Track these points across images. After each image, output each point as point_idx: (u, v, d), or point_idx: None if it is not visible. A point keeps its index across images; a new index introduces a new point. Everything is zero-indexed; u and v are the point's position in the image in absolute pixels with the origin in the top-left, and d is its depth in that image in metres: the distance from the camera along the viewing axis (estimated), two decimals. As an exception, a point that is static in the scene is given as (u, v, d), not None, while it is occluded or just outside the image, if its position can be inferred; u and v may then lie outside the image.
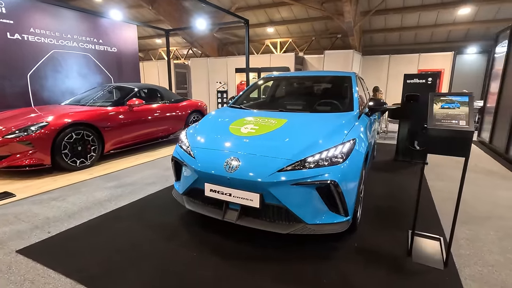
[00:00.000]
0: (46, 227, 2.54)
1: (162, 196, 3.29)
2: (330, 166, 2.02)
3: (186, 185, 2.45)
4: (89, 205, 3.02)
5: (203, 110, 6.88)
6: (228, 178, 2.12)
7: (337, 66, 10.30)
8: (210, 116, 3.08)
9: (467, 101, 1.90)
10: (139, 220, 2.68)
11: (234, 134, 2.46)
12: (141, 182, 3.77)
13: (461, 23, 9.87)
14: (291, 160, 2.05)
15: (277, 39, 12.95)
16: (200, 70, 13.03)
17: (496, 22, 9.24)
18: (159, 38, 15.05)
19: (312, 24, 11.44)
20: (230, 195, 2.15)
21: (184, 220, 2.69)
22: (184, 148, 2.55)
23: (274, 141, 2.28)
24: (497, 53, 6.29)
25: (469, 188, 3.61)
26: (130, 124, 4.98)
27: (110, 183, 3.71)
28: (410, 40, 11.72)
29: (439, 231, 2.54)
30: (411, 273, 1.95)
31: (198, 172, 2.27)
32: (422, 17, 9.88)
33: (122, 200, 3.16)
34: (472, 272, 1.98)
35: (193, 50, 15.82)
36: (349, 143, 2.18)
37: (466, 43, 11.08)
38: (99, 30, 7.05)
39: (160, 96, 6.02)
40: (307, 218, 2.03)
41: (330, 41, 12.47)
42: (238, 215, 2.17)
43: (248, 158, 2.15)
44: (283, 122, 2.55)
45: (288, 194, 2.01)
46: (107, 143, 4.59)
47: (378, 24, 10.86)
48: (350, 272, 1.96)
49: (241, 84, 11.63)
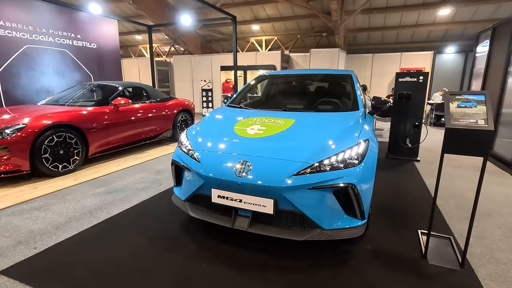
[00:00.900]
0: (32, 242, 2.27)
1: (158, 202, 3.08)
2: (346, 168, 1.94)
3: (190, 191, 2.28)
4: (77, 214, 2.76)
5: (191, 110, 6.64)
6: (239, 183, 1.98)
7: (323, 65, 10.35)
8: (210, 116, 2.91)
9: (484, 99, 1.88)
10: (137, 230, 2.48)
11: (240, 136, 2.32)
12: (132, 187, 3.53)
13: (440, 23, 10.23)
14: (307, 163, 1.94)
15: (262, 37, 12.84)
16: (183, 68, 12.66)
17: (473, 23, 9.66)
18: (139, 35, 14.46)
19: (298, 22, 11.42)
20: (240, 201, 2.01)
21: (186, 228, 2.51)
22: (186, 151, 2.38)
23: (285, 143, 2.16)
24: (478, 53, 6.53)
25: (465, 185, 3.69)
26: (116, 125, 4.68)
27: (98, 189, 3.44)
28: (392, 39, 12.02)
29: (446, 230, 2.54)
30: (430, 276, 1.91)
31: (204, 177, 2.11)
32: (404, 17, 10.14)
33: (114, 208, 2.93)
34: (488, 272, 1.97)
35: (175, 47, 15.35)
36: (363, 144, 2.11)
37: (444, 43, 11.53)
38: (77, 24, 6.60)
39: (146, 95, 5.73)
40: (324, 223, 1.94)
41: (315, 40, 12.52)
42: (250, 222, 2.04)
43: (260, 162, 2.02)
44: (291, 122, 2.44)
45: (304, 198, 1.90)
46: (91, 146, 4.28)
47: (362, 23, 11.03)
48: (371, 277, 1.89)
49: (227, 82, 11.42)
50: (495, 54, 5.64)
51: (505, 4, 8.40)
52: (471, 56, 10.06)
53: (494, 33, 5.70)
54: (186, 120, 6.48)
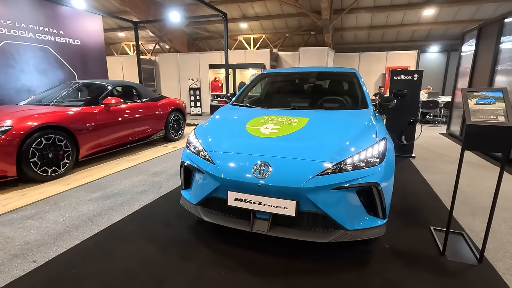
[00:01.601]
0: (29, 254, 2.08)
1: (161, 206, 2.94)
2: (369, 167, 1.90)
3: (202, 194, 2.16)
4: (76, 222, 2.57)
5: (183, 109, 6.46)
6: (259, 185, 1.89)
7: (313, 63, 10.41)
8: (218, 116, 2.80)
9: (502, 96, 1.89)
10: (143, 237, 2.33)
11: (254, 135, 2.23)
12: (130, 191, 3.35)
13: (424, 23, 10.55)
14: (330, 163, 1.88)
15: (251, 35, 12.73)
16: (169, 66, 12.34)
17: (455, 23, 10.03)
18: (122, 31, 13.95)
19: (286, 20, 11.41)
20: (259, 203, 1.93)
21: (197, 233, 2.39)
22: (196, 152, 2.26)
23: (303, 142, 2.10)
24: (464, 52, 6.77)
25: (463, 180, 3.77)
26: (107, 125, 4.45)
27: (93, 194, 3.24)
28: (378, 38, 12.28)
29: (456, 225, 2.57)
30: (452, 273, 1.91)
31: (219, 179, 2.00)
32: (390, 17, 10.37)
33: (115, 213, 2.76)
34: (506, 266, 2.00)
35: (160, 45, 14.93)
36: (383, 142, 2.08)
37: (428, 42, 11.91)
38: (59, 19, 6.23)
39: (137, 94, 5.50)
40: (347, 224, 1.89)
41: (302, 38, 12.57)
42: (270, 225, 1.96)
43: (281, 162, 1.94)
44: (305, 120, 2.38)
45: (327, 199, 1.85)
46: (82, 148, 4.04)
47: (350, 23, 11.18)
48: (395, 276, 1.86)
49: (215, 81, 11.24)
50: (481, 53, 5.85)
51: (486, 5, 8.78)
52: (453, 55, 10.49)
53: (480, 33, 5.91)
54: (178, 120, 6.29)
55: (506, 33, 4.88)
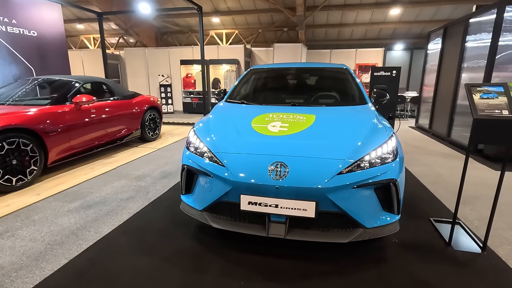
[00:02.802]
0: (7, 281, 1.76)
1: (153, 213, 2.70)
2: (386, 164, 1.88)
3: (209, 199, 2.00)
4: (57, 238, 2.25)
5: (159, 107, 6.09)
6: (276, 187, 1.78)
7: (287, 59, 10.44)
8: (217, 114, 2.63)
9: (503, 90, 1.98)
10: (142, 250, 2.11)
11: (263, 134, 2.11)
12: (114, 198, 3.04)
13: (390, 22, 11.10)
14: (349, 161, 1.83)
15: (223, 30, 12.42)
16: (136, 62, 11.61)
17: (417, 23, 10.69)
18: (81, 23, 12.81)
19: (259, 16, 11.30)
20: (276, 206, 1.82)
21: (201, 241, 2.22)
22: (200, 154, 2.08)
23: (317, 140, 2.02)
24: (430, 50, 7.21)
25: (443, 170, 4.01)
26: (78, 126, 4.02)
27: (71, 203, 2.89)
28: (347, 36, 12.68)
29: (450, 215, 2.69)
30: (463, 262, 1.97)
31: (231, 183, 1.86)
32: (359, 15, 10.74)
33: (102, 225, 2.47)
34: (506, 252, 2.11)
35: (124, 38, 13.99)
36: (394, 137, 2.08)
37: (393, 40, 12.58)
38: (10, 7, 5.49)
39: (109, 91, 5.05)
40: (366, 222, 1.86)
41: (275, 35, 12.56)
42: (287, 229, 1.86)
43: (298, 162, 1.84)
44: (312, 117, 2.30)
45: (347, 198, 1.79)
46: (51, 152, 3.60)
47: (321, 20, 11.39)
48: (413, 270, 1.87)
49: (188, 77, 10.81)
50: (447, 51, 6.26)
51: (444, 7, 9.46)
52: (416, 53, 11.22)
53: (445, 32, 6.32)
54: (155, 119, 5.92)
55: (471, 33, 5.25)
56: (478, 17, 5.02)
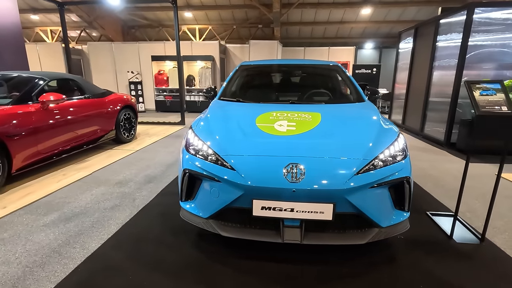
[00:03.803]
0: (-19, 317, 1.47)
1: (145, 222, 2.47)
2: (398, 162, 1.86)
3: (217, 206, 1.85)
4: (37, 259, 1.96)
5: (134, 106, 5.70)
6: (293, 190, 1.68)
7: (263, 56, 10.38)
8: (215, 112, 2.47)
9: (500, 87, 2.06)
10: (143, 265, 1.90)
11: (271, 134, 2.00)
12: (96, 207, 2.75)
13: (360, 22, 11.49)
14: (365, 160, 1.78)
15: (195, 26, 11.99)
16: (102, 57, 10.82)
17: (385, 23, 11.18)
18: (36, 14, 11.61)
19: (233, 12, 11.07)
20: (292, 210, 1.73)
21: (205, 251, 2.06)
22: (203, 157, 1.92)
23: (328, 139, 1.95)
24: (401, 49, 7.54)
25: (423, 164, 4.19)
26: (47, 128, 3.60)
27: (46, 216, 2.55)
28: (320, 34, 12.92)
29: (442, 207, 2.79)
30: (468, 254, 2.03)
31: (243, 187, 1.73)
32: (332, 14, 10.97)
33: (89, 239, 2.20)
34: (502, 241, 2.21)
35: (87, 31, 12.95)
36: (401, 135, 2.07)
37: (363, 39, 13.06)
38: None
39: (78, 88, 4.60)
40: (381, 221, 1.82)
41: (249, 31, 12.42)
42: (303, 233, 1.77)
43: (314, 163, 1.76)
44: (318, 116, 2.23)
45: (364, 198, 1.75)
46: (15, 158, 3.17)
47: (295, 18, 11.46)
48: (426, 266, 1.88)
49: (160, 74, 10.31)
50: (418, 50, 6.58)
51: (409, 8, 9.99)
52: (384, 52, 11.77)
53: (416, 32, 6.63)
54: (130, 118, 5.52)
55: (442, 33, 5.56)
56: (449, 18, 5.32)
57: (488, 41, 4.78)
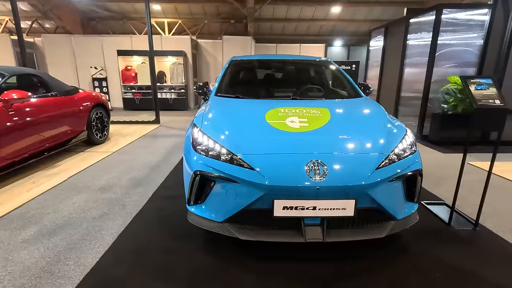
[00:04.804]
0: None
1: (145, 230, 2.27)
2: (411, 154, 1.91)
3: (234, 208, 1.75)
4: (25, 281, 1.69)
5: (105, 104, 5.27)
6: (317, 188, 1.64)
7: (236, 52, 10.21)
8: (219, 109, 2.34)
9: (492, 82, 2.20)
10: (157, 277, 1.73)
11: (285, 131, 1.93)
12: (82, 217, 2.47)
13: (330, 19, 11.81)
14: (383, 155, 1.79)
15: (164, 19, 11.41)
16: (60, 51, 9.86)
17: (353, 21, 11.62)
18: (-25, 1, 10.21)
19: (204, 6, 10.72)
20: (314, 208, 1.69)
21: (219, 255, 1.94)
22: (215, 156, 1.80)
23: (343, 135, 1.93)
24: (372, 47, 7.88)
25: (405, 156, 4.41)
26: (10, 130, 3.17)
27: (25, 231, 2.24)
28: (291, 31, 13.06)
29: (431, 196, 2.95)
30: (468, 240, 2.16)
31: (266, 187, 1.65)
32: (303, 11, 11.12)
33: (83, 254, 1.96)
34: (493, 225, 2.39)
35: (39, 23, 11.68)
36: (409, 129, 2.13)
37: (332, 37, 13.46)
38: None
39: (43, 85, 4.12)
40: (397, 214, 1.86)
41: (220, 27, 12.14)
42: (325, 231, 1.74)
43: (336, 159, 1.73)
44: (326, 111, 2.21)
45: (383, 192, 1.76)
46: (-25, 166, 2.74)
47: (267, 14, 11.44)
48: (439, 254, 1.96)
49: (127, 70, 9.68)
50: (389, 48, 6.93)
51: (376, 8, 10.49)
52: (352, 50, 12.26)
53: (387, 30, 6.97)
54: (102, 118, 5.10)
55: (412, 32, 5.89)
56: (418, 18, 5.65)
57: (454, 40, 5.16)
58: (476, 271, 1.81)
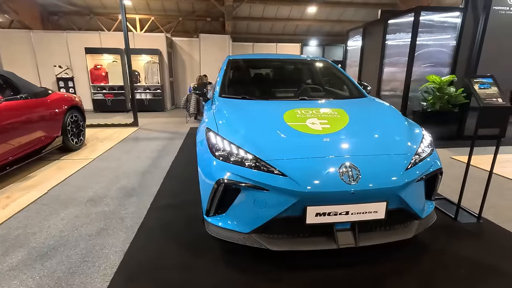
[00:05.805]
0: None
1: (153, 245, 2.08)
2: (431, 154, 1.93)
3: (263, 218, 1.64)
4: (25, 318, 1.44)
5: (81, 106, 4.85)
6: (352, 192, 1.58)
7: (214, 51, 9.98)
8: (233, 112, 2.20)
9: (492, 81, 2.30)
10: (176, 299, 1.57)
11: (308, 133, 1.86)
12: (77, 235, 2.21)
13: (305, 19, 11.96)
14: (411, 155, 1.78)
15: (135, 15, 10.79)
16: (17, 47, 8.93)
17: (328, 22, 11.87)
18: None
19: (178, 3, 10.30)
20: (347, 213, 1.63)
21: (240, 267, 1.82)
22: (238, 162, 1.67)
23: (367, 136, 1.91)
24: (350, 46, 8.10)
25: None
26: (-23, 139, 2.75)
27: (11, 255, 1.95)
28: (267, 30, 13.03)
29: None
30: (476, 233, 2.25)
31: (299, 194, 1.56)
32: (279, 10, 11.14)
33: (87, 278, 1.74)
34: (493, 217, 2.52)
35: (-9, 16, 10.47)
36: (423, 128, 2.15)
37: (307, 37, 13.64)
38: None
39: (10, 86, 3.67)
40: (421, 213, 1.87)
41: (196, 24, 11.77)
42: (357, 235, 1.70)
43: (367, 161, 1.68)
44: (343, 112, 2.17)
45: (411, 192, 1.76)
46: None
47: (244, 12, 11.29)
48: (456, 250, 2.01)
49: (96, 69, 9.02)
50: (367, 48, 7.16)
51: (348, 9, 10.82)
52: (327, 49, 12.52)
53: (365, 31, 7.19)
54: (78, 121, 4.67)
55: (390, 32, 6.13)
56: (397, 19, 5.88)
57: (430, 41, 5.45)
58: (494, 264, 1.88)
